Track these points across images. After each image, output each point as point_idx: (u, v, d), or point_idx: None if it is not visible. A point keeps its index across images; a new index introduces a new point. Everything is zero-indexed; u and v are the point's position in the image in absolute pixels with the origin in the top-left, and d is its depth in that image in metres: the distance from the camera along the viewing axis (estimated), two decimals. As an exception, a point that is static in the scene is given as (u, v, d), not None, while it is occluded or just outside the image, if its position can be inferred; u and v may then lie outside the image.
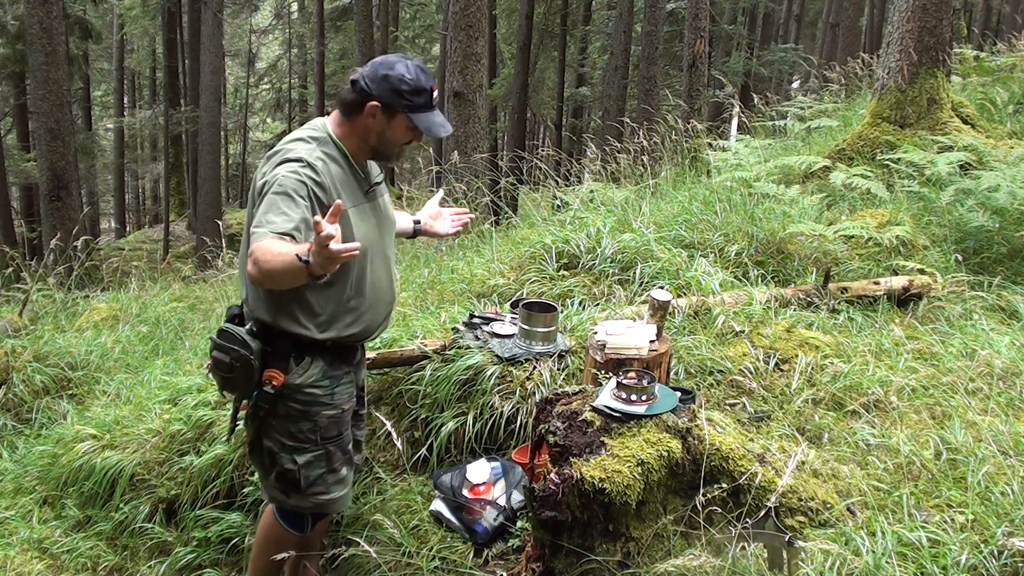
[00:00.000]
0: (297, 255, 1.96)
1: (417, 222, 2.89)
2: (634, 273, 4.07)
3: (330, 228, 1.87)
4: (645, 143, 6.34)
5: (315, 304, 2.35)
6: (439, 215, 2.93)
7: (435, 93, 2.34)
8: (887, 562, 2.05)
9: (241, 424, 2.59)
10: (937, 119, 6.04)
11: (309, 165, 2.24)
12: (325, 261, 1.91)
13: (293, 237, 2.10)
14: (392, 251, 2.58)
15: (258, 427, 2.46)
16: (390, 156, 2.44)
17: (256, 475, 2.94)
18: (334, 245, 1.87)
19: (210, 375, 2.58)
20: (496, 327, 3.51)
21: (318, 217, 1.88)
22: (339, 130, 2.37)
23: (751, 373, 3.16)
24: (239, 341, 2.36)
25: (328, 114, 2.45)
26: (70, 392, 4.87)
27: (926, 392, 2.98)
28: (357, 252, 1.94)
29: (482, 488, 2.99)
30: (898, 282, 3.99)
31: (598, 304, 3.88)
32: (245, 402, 2.44)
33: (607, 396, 2.40)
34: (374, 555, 2.43)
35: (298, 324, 2.34)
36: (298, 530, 2.57)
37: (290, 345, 2.38)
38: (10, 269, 6.77)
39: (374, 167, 2.54)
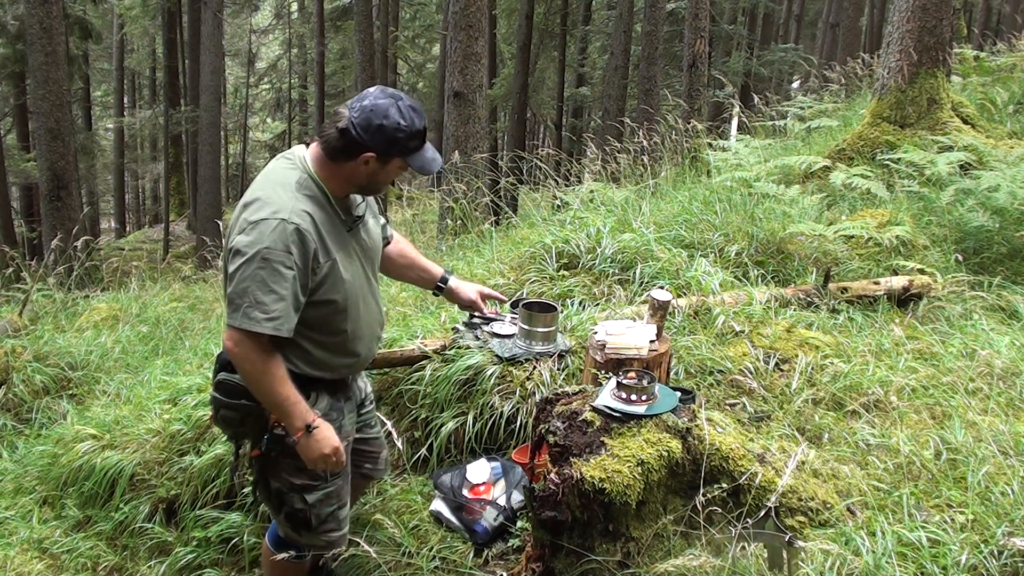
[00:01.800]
0: (278, 423, 2.25)
1: (444, 281, 2.84)
2: (634, 273, 4.07)
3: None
4: (645, 143, 6.34)
5: (312, 350, 2.30)
6: (477, 298, 2.90)
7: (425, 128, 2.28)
8: (887, 562, 2.05)
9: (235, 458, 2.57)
10: (937, 119, 6.04)
11: (296, 229, 2.12)
12: (314, 460, 2.26)
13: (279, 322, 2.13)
14: (376, 275, 2.50)
15: (262, 467, 2.39)
16: (378, 191, 2.39)
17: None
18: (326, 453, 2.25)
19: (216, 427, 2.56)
20: (496, 327, 3.50)
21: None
22: (322, 172, 2.24)
23: (751, 373, 3.16)
24: (243, 392, 2.27)
25: (315, 133, 2.36)
26: (70, 392, 4.87)
27: (926, 392, 2.98)
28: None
29: (482, 488, 2.99)
30: (898, 282, 3.99)
31: (598, 304, 3.88)
32: (255, 450, 2.37)
33: (607, 396, 2.40)
34: (374, 555, 2.43)
35: (291, 364, 2.28)
36: (299, 550, 2.54)
37: (295, 383, 2.28)
38: (10, 269, 6.78)
39: (356, 197, 2.42)
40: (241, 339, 2.12)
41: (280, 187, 2.20)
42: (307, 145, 2.33)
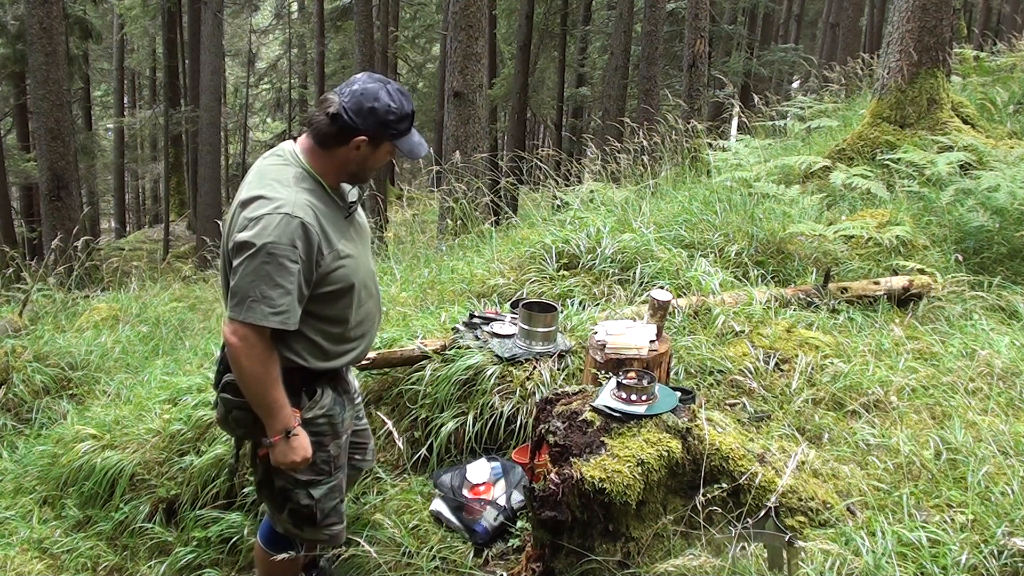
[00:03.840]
0: (272, 437, 2.25)
1: None
2: (634, 273, 4.07)
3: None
4: (645, 143, 6.35)
5: (321, 341, 2.31)
6: None
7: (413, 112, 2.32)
8: (887, 562, 2.05)
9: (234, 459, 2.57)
10: (937, 119, 6.04)
11: (301, 223, 2.13)
12: (285, 464, 2.27)
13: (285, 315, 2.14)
14: (372, 260, 2.52)
15: (268, 467, 2.39)
16: (367, 179, 2.40)
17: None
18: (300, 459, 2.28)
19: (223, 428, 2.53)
20: (496, 327, 3.51)
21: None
22: (315, 163, 2.25)
23: (751, 373, 3.16)
24: None
25: (303, 129, 2.33)
26: (70, 392, 4.87)
27: (926, 392, 2.98)
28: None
29: (482, 488, 2.99)
30: (898, 282, 3.99)
31: (598, 304, 3.88)
32: (262, 450, 2.36)
33: (607, 396, 2.40)
34: (374, 555, 2.43)
35: (300, 358, 2.29)
36: (294, 547, 2.54)
37: (299, 380, 2.32)
38: (10, 269, 6.78)
39: (347, 186, 2.45)
40: (246, 334, 2.13)
41: (278, 183, 2.20)
42: (295, 140, 2.33)
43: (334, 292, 2.26)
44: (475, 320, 3.61)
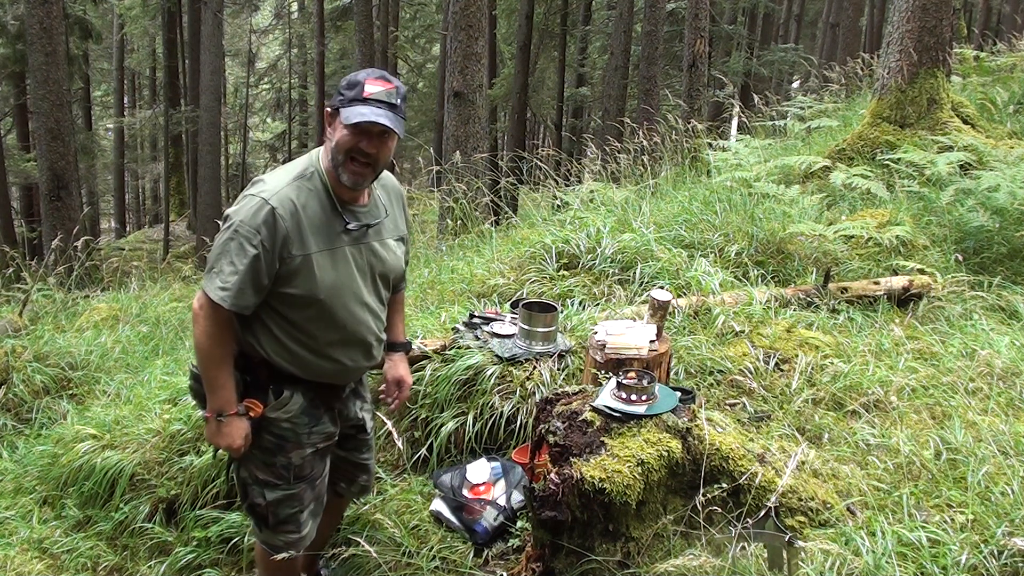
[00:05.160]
0: (206, 412, 2.27)
1: (397, 348, 2.70)
2: (634, 273, 4.07)
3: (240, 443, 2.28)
4: (645, 143, 6.35)
5: (287, 341, 2.28)
6: (392, 382, 2.74)
7: (378, 89, 2.18)
8: (887, 562, 2.05)
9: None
10: (937, 119, 6.04)
11: (271, 211, 2.14)
12: (212, 443, 2.30)
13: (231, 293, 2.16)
14: (380, 290, 2.43)
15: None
16: (340, 169, 2.23)
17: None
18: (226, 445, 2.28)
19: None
20: (496, 327, 3.51)
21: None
22: (324, 161, 2.27)
23: (751, 373, 3.16)
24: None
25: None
26: (70, 392, 4.86)
27: (926, 392, 2.98)
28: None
29: (482, 488, 2.99)
30: (898, 282, 3.99)
31: (598, 304, 3.88)
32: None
33: (607, 396, 2.40)
34: (374, 555, 2.43)
35: (260, 348, 2.28)
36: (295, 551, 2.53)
37: (268, 376, 2.31)
38: (10, 269, 6.78)
39: (378, 206, 2.38)
40: (204, 303, 2.20)
41: (283, 171, 2.26)
42: None
43: (297, 297, 2.23)
44: (475, 320, 3.61)
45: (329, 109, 2.25)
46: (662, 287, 3.82)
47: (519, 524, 2.89)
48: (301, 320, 2.27)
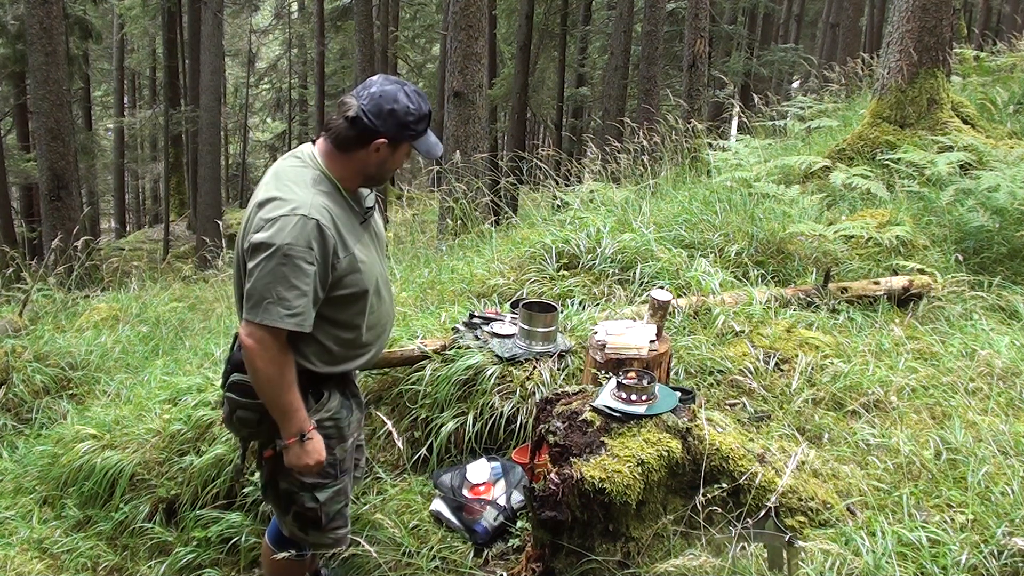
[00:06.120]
0: (286, 439, 2.24)
1: None
2: (634, 273, 4.07)
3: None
4: (645, 143, 6.34)
5: (331, 345, 2.31)
6: None
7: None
8: (887, 562, 2.05)
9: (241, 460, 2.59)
10: (937, 119, 6.04)
11: (317, 224, 2.14)
12: (299, 467, 2.28)
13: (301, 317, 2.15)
14: (386, 266, 2.53)
15: (273, 468, 2.39)
16: (384, 180, 2.44)
17: (256, 476, 2.94)
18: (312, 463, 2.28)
19: (227, 427, 2.54)
20: (496, 327, 3.51)
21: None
22: (333, 166, 2.26)
23: (751, 373, 3.16)
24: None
25: (320, 133, 2.33)
26: (70, 392, 4.87)
27: (926, 392, 2.98)
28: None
29: (482, 488, 2.99)
30: (898, 282, 3.99)
31: (598, 304, 3.88)
32: (268, 451, 2.37)
33: (607, 396, 2.40)
34: (374, 555, 2.43)
35: (308, 362, 2.29)
36: (300, 549, 2.54)
37: (306, 382, 2.30)
38: (10, 269, 6.78)
39: (365, 190, 2.45)
40: (262, 336, 2.14)
41: (296, 184, 2.21)
42: (313, 142, 2.33)
43: (347, 296, 2.26)
44: (475, 320, 3.61)
45: (387, 140, 2.21)
46: (662, 287, 3.82)
47: (519, 524, 2.89)
48: (348, 317, 2.30)
